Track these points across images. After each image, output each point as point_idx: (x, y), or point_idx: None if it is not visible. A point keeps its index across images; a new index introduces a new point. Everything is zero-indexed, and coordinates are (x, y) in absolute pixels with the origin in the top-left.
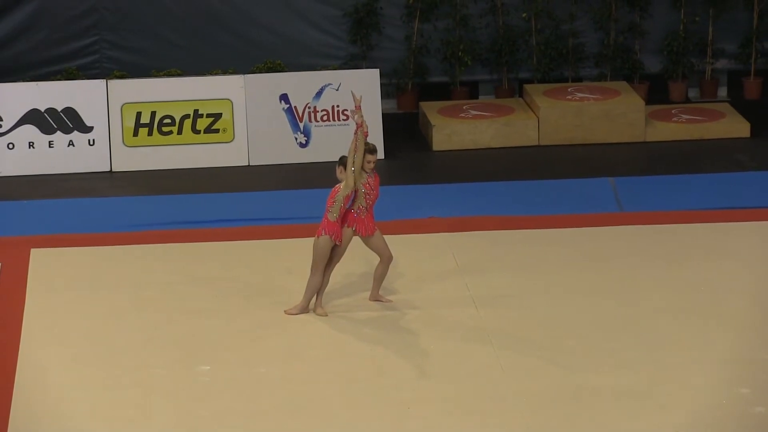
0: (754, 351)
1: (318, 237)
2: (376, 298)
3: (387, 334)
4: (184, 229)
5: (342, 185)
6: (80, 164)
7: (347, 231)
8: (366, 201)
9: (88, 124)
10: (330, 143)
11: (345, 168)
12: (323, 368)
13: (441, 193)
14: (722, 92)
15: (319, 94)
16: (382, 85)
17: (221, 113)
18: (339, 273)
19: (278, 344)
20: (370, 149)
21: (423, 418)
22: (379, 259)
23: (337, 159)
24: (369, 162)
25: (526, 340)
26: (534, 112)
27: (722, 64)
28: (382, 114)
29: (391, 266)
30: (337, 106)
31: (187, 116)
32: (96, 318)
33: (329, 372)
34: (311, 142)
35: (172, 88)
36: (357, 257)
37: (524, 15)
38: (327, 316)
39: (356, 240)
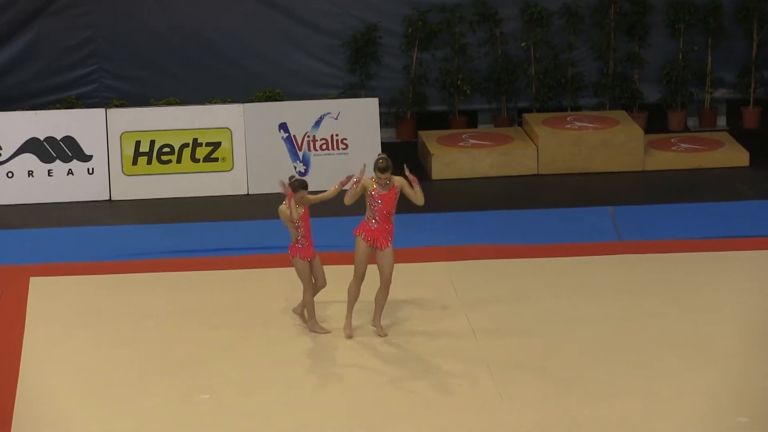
0: (752, 380)
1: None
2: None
3: (385, 363)
4: (183, 257)
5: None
6: (79, 193)
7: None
8: (371, 210)
9: (87, 152)
10: (329, 172)
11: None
12: (322, 397)
13: (440, 222)
14: (721, 121)
15: (318, 123)
16: (381, 114)
17: (220, 142)
18: (335, 300)
19: (277, 372)
20: (380, 167)
21: None
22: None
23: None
24: (380, 179)
25: (524, 370)
26: (533, 141)
27: (721, 93)
28: (381, 143)
29: (390, 295)
30: (336, 135)
31: (186, 145)
32: (94, 347)
33: (328, 401)
34: (310, 170)
35: (171, 117)
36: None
37: (523, 44)
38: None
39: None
